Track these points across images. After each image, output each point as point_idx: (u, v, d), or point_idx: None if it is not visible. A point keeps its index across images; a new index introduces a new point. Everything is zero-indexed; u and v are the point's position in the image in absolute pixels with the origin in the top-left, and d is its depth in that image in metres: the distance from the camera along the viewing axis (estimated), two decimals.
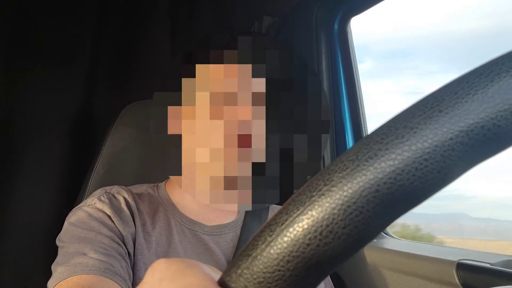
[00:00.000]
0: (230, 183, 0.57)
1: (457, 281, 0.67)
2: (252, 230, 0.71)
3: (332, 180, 0.19)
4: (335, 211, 0.18)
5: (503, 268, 0.64)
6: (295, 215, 0.19)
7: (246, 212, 0.72)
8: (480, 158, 0.18)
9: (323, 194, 0.18)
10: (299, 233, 0.18)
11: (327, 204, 0.18)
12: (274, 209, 0.75)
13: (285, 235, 0.19)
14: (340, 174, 0.18)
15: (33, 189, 1.03)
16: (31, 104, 1.04)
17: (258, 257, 0.19)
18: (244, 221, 0.72)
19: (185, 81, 0.60)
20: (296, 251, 0.18)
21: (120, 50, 1.18)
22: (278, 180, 0.58)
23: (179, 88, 0.60)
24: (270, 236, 0.19)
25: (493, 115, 0.18)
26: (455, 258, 0.69)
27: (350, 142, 1.02)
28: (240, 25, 1.22)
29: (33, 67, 1.05)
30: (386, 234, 0.94)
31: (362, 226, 0.18)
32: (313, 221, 0.18)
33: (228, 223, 0.70)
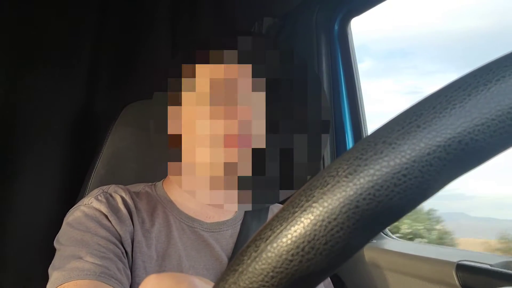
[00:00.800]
0: (230, 183, 0.57)
1: (456, 282, 0.67)
2: (252, 227, 0.71)
3: (314, 196, 0.19)
4: (316, 227, 0.18)
5: (502, 269, 0.64)
6: (278, 231, 0.19)
7: (246, 210, 0.72)
8: (458, 172, 0.18)
9: (304, 210, 0.19)
10: (282, 248, 0.19)
11: (308, 221, 0.18)
12: (274, 208, 0.75)
13: (269, 251, 0.19)
14: (321, 190, 0.19)
15: (34, 189, 1.03)
16: (31, 104, 1.04)
17: (244, 272, 0.19)
18: (243, 218, 0.72)
19: (185, 81, 0.60)
20: (280, 267, 0.19)
21: (120, 50, 1.18)
22: (278, 180, 0.58)
23: (179, 88, 0.60)
24: (255, 251, 0.19)
25: (470, 129, 0.18)
26: (455, 259, 0.69)
27: (350, 142, 1.02)
28: (240, 26, 1.22)
29: (33, 67, 1.05)
30: (385, 234, 0.94)
31: (343, 242, 0.18)
32: (295, 237, 0.18)
33: (227, 220, 0.70)
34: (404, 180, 0.18)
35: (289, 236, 0.19)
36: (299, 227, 0.18)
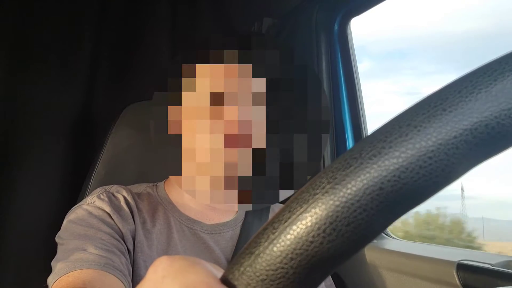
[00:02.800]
0: (230, 183, 0.57)
1: (457, 281, 0.67)
2: (252, 229, 0.71)
3: (336, 178, 0.19)
4: (339, 208, 0.18)
5: (503, 269, 0.64)
6: (298, 212, 0.19)
7: (247, 211, 0.72)
8: (483, 156, 0.18)
9: (326, 192, 0.18)
10: (302, 230, 0.18)
11: (330, 202, 0.18)
12: (275, 208, 0.75)
13: (288, 233, 0.19)
14: (344, 172, 0.18)
15: (34, 189, 1.03)
16: (32, 104, 1.04)
17: (261, 254, 0.19)
18: (244, 220, 0.72)
19: (185, 81, 0.60)
20: (300, 249, 0.18)
21: (120, 51, 1.18)
22: (278, 180, 0.58)
23: (179, 88, 0.60)
24: (273, 233, 0.19)
25: (497, 114, 0.18)
26: (456, 258, 0.69)
27: (350, 142, 1.02)
28: (240, 26, 1.22)
29: (34, 68, 1.05)
30: (386, 234, 0.94)
31: (366, 224, 0.18)
32: (316, 218, 0.18)
33: (227, 222, 0.70)
34: (430, 162, 0.18)
35: (310, 217, 0.18)
36: (321, 209, 0.18)
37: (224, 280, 0.20)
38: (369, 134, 0.19)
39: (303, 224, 0.18)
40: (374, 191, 0.18)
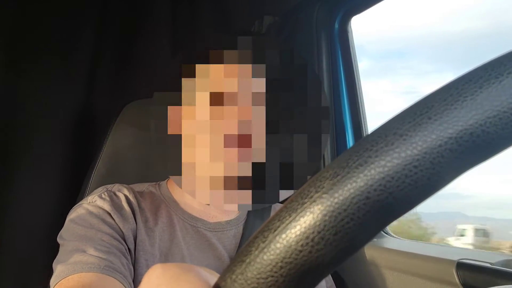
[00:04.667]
0: (230, 183, 0.57)
1: (457, 280, 0.68)
2: (255, 227, 0.71)
3: (323, 187, 0.19)
4: (326, 217, 0.18)
5: (503, 268, 0.64)
6: (287, 221, 0.19)
7: (249, 210, 0.72)
8: (469, 164, 0.18)
9: (314, 201, 0.19)
10: (291, 239, 0.19)
11: (318, 211, 0.18)
12: (277, 207, 0.75)
13: (278, 241, 0.19)
14: (331, 181, 0.19)
15: (34, 188, 1.03)
16: (31, 103, 1.04)
17: (252, 263, 0.19)
18: (246, 218, 0.72)
19: (185, 81, 0.60)
20: (289, 257, 0.19)
21: (120, 50, 1.18)
22: (278, 180, 0.58)
23: (179, 88, 0.60)
24: (263, 242, 0.19)
25: (482, 122, 0.18)
26: (455, 257, 0.70)
27: (350, 142, 1.01)
28: (240, 25, 1.22)
29: (34, 66, 1.05)
30: (386, 233, 0.94)
31: (353, 233, 0.18)
32: (305, 227, 0.18)
33: (230, 220, 0.71)
34: (415, 171, 0.18)
35: (299, 226, 0.19)
36: (309, 218, 0.18)
37: (216, 287, 0.20)
38: (355, 143, 0.20)
39: (292, 233, 0.19)
40: (361, 200, 0.18)
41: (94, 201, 0.65)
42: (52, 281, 0.56)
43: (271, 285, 0.19)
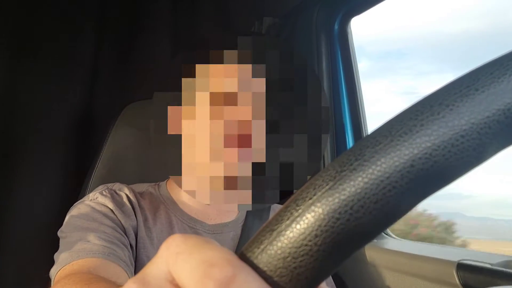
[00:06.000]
0: (230, 183, 0.57)
1: (457, 281, 0.67)
2: (253, 229, 0.71)
3: (364, 155, 0.18)
4: (368, 185, 0.18)
5: (503, 269, 0.64)
6: (324, 189, 0.18)
7: (247, 211, 0.72)
8: None
9: (354, 169, 0.18)
10: (328, 207, 0.18)
11: (359, 179, 0.18)
12: (275, 208, 0.75)
13: (313, 210, 0.18)
14: (373, 149, 0.18)
15: (35, 188, 1.03)
16: (32, 104, 1.04)
17: (283, 232, 0.19)
18: (245, 220, 0.72)
19: (185, 81, 0.60)
20: (325, 225, 0.18)
21: (120, 50, 1.19)
22: (278, 180, 0.58)
23: (179, 88, 0.60)
24: (297, 210, 0.19)
25: None
26: (456, 258, 0.69)
27: (350, 142, 1.01)
28: (240, 26, 1.22)
29: (34, 67, 1.05)
30: (386, 234, 0.94)
31: (394, 202, 0.18)
32: (344, 195, 0.18)
33: (229, 222, 0.70)
34: (462, 141, 0.18)
35: (337, 194, 0.18)
36: (349, 185, 0.18)
37: (242, 257, 0.19)
38: (397, 114, 0.19)
39: (329, 201, 0.18)
40: (405, 168, 0.18)
41: (96, 198, 0.65)
42: (54, 269, 0.56)
43: (303, 254, 0.18)
